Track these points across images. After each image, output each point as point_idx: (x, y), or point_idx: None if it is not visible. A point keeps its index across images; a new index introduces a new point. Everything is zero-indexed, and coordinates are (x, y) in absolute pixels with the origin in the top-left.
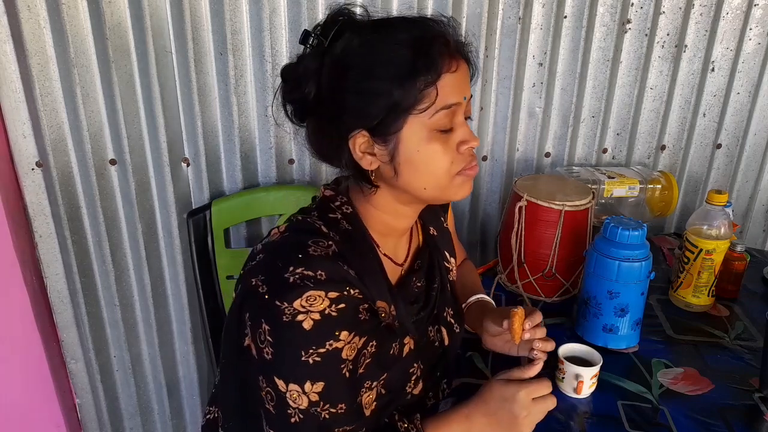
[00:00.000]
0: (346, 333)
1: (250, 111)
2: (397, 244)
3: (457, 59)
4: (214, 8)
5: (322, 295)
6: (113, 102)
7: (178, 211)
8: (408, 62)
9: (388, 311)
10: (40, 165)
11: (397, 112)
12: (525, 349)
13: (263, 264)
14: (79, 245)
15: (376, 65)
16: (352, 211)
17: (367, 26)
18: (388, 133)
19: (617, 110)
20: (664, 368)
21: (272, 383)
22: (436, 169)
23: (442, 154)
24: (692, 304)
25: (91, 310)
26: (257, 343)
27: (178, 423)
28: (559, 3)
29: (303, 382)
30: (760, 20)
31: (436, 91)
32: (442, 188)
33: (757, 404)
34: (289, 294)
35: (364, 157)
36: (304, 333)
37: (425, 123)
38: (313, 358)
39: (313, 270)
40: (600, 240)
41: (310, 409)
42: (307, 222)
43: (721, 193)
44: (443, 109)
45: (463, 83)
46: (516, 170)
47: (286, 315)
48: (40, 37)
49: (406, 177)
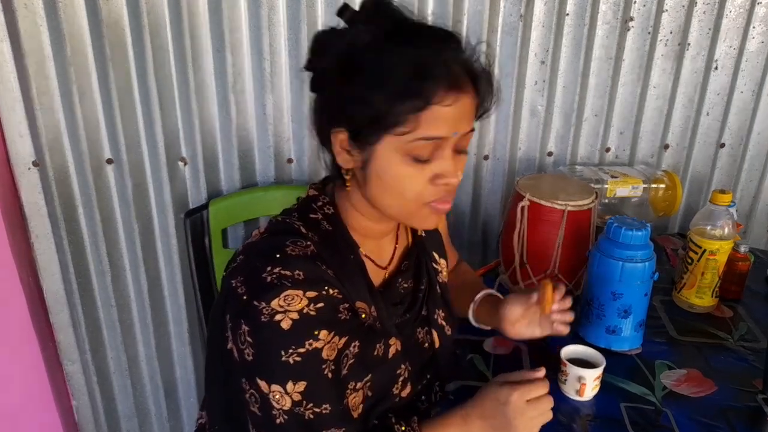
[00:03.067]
0: (326, 332)
1: (248, 110)
2: (380, 245)
3: (459, 93)
4: (212, 6)
5: (300, 295)
6: (110, 101)
7: (176, 210)
8: (402, 82)
9: (368, 312)
10: (37, 164)
11: (376, 128)
12: (548, 328)
13: (242, 265)
14: (75, 245)
15: (373, 74)
16: (334, 211)
17: (386, 26)
18: (364, 143)
19: (620, 109)
20: (667, 370)
21: (255, 385)
22: (403, 192)
23: (411, 180)
24: (696, 305)
25: (88, 311)
26: (238, 345)
27: (175, 425)
28: (561, 0)
29: (285, 383)
30: (763, 19)
31: (418, 119)
32: (406, 213)
33: (760, 406)
34: (267, 294)
35: (341, 154)
36: (283, 333)
37: (401, 146)
38: (293, 358)
39: (290, 269)
40: (603, 240)
41: (294, 409)
42: (287, 223)
43: (725, 193)
44: (423, 140)
45: (457, 118)
46: (518, 169)
47: (264, 315)
48: (37, 35)
49: (373, 190)
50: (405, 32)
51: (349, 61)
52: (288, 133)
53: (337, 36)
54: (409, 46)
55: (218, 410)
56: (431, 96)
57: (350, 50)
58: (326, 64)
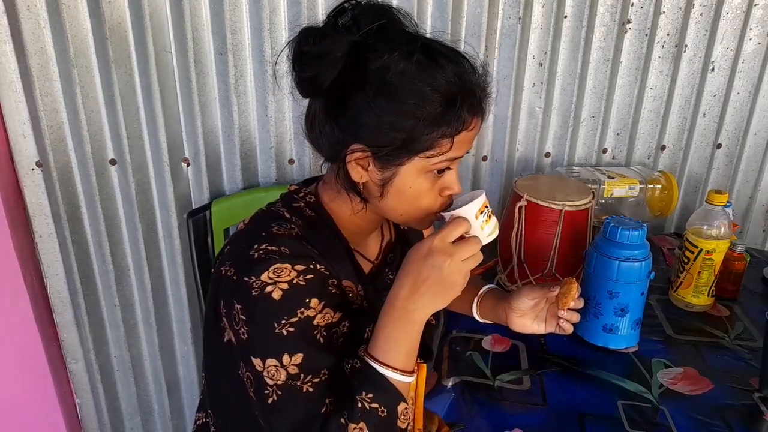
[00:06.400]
0: (316, 301)
1: (250, 111)
2: (367, 240)
3: (478, 117)
4: (214, 8)
5: (289, 267)
6: (113, 102)
7: (178, 211)
8: (436, 109)
9: (355, 291)
10: (40, 165)
11: (408, 150)
12: (552, 326)
13: (228, 252)
14: (79, 245)
15: (408, 101)
16: (315, 200)
17: (409, 50)
18: (390, 163)
19: (617, 110)
20: (664, 368)
21: (249, 364)
22: (419, 205)
23: (429, 194)
24: (692, 304)
25: (92, 310)
26: (233, 327)
27: (178, 423)
28: (559, 3)
29: (280, 356)
30: (760, 20)
31: (451, 144)
32: (415, 219)
33: (756, 404)
34: (255, 268)
35: (356, 169)
36: (274, 303)
37: (426, 166)
38: (286, 329)
39: (276, 245)
40: (600, 240)
41: (288, 382)
42: (271, 210)
43: (721, 193)
44: (448, 161)
45: (473, 139)
46: (516, 170)
47: (254, 289)
48: (40, 36)
49: (389, 202)
50: (427, 55)
51: (375, 82)
52: (289, 134)
53: (340, 41)
54: (437, 73)
55: (220, 407)
56: (464, 125)
57: (379, 72)
58: (327, 72)
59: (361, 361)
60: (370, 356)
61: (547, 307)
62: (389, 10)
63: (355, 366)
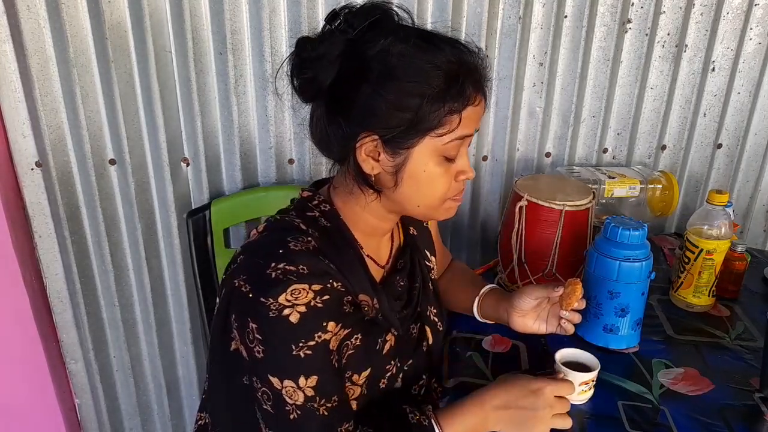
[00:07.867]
0: (333, 324)
1: (250, 111)
2: (380, 244)
3: (480, 93)
4: (214, 8)
5: (306, 288)
6: (113, 102)
7: (178, 211)
8: (440, 86)
9: (371, 304)
10: (40, 165)
11: (417, 130)
12: (553, 326)
13: (244, 264)
14: (78, 245)
15: (411, 80)
16: (330, 208)
17: (405, 35)
18: (400, 147)
19: (618, 110)
20: (665, 368)
21: (267, 382)
22: (434, 191)
23: (441, 179)
24: (693, 304)
25: (91, 311)
26: (246, 344)
27: (178, 423)
28: (559, 3)
29: (297, 377)
30: (760, 20)
31: (459, 119)
32: (433, 208)
33: (757, 404)
34: (273, 289)
35: (366, 161)
36: (292, 327)
37: (438, 147)
38: (303, 351)
39: (294, 265)
40: (600, 240)
41: (306, 404)
42: (285, 220)
43: (722, 193)
44: (458, 139)
45: (479, 116)
46: (516, 170)
47: (272, 311)
48: (40, 36)
49: (404, 191)
50: (423, 39)
51: (377, 69)
52: (289, 134)
53: (336, 42)
54: (436, 51)
55: (221, 411)
56: (468, 97)
57: (379, 56)
58: (326, 73)
59: (426, 419)
60: (437, 422)
61: (548, 308)
62: (381, 6)
63: (421, 421)
